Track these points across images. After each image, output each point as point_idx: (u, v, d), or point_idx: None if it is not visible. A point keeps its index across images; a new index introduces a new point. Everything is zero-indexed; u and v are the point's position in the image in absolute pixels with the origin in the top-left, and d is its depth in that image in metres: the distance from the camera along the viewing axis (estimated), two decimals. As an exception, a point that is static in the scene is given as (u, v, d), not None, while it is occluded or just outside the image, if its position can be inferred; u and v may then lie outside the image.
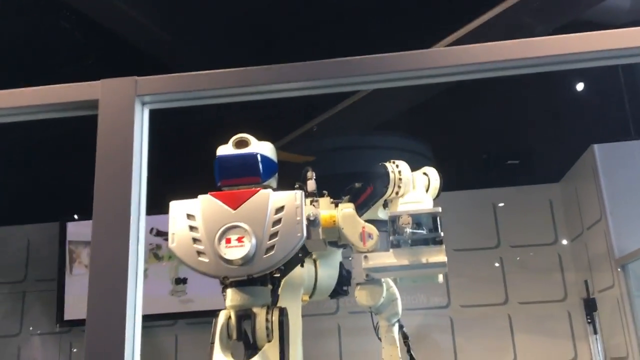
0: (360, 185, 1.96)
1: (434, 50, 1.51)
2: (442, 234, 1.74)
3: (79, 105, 1.30)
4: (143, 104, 1.29)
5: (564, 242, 4.90)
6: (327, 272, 2.08)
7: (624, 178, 4.22)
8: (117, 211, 1.17)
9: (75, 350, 5.05)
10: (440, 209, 1.77)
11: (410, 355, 2.14)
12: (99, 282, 1.12)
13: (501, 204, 5.02)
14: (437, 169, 2.11)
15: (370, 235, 1.79)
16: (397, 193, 1.86)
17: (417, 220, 1.75)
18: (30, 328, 5.15)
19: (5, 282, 5.26)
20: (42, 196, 4.96)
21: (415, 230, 1.73)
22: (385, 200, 1.90)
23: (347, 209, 1.86)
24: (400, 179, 1.86)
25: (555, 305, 4.73)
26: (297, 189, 1.62)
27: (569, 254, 4.85)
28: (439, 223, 1.75)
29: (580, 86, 4.38)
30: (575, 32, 1.32)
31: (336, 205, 1.89)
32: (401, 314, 2.19)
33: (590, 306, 4.01)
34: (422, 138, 4.73)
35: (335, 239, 1.87)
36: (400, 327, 2.14)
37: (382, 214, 1.97)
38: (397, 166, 1.88)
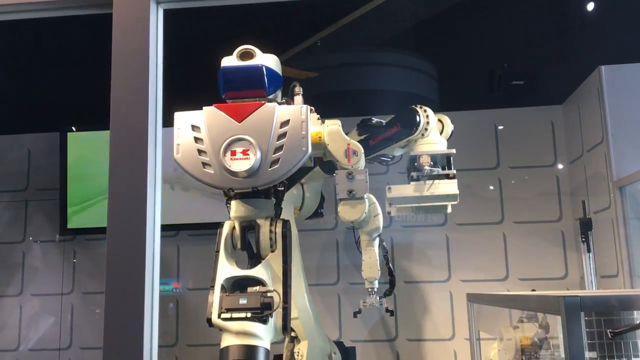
0: (389, 121, 2.25)
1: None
2: (454, 171, 2.11)
3: (93, 2, 1.26)
4: (158, 2, 1.26)
5: (563, 164, 4.92)
6: (312, 195, 2.34)
7: (629, 101, 4.18)
8: (135, 110, 1.16)
9: (75, 261, 5.17)
10: (454, 151, 2.15)
11: (389, 268, 2.36)
12: (119, 184, 1.13)
13: (501, 127, 5.01)
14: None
15: (355, 153, 1.87)
16: (422, 135, 2.19)
17: (433, 159, 2.12)
18: (30, 238, 5.24)
19: (7, 190, 5.32)
20: (42, 105, 4.91)
21: (433, 168, 2.09)
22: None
23: (332, 125, 1.93)
24: (427, 123, 2.21)
25: (549, 226, 4.81)
26: (282, 104, 1.61)
27: (567, 176, 4.89)
28: (452, 162, 2.13)
29: (591, 5, 4.26)
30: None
31: (322, 122, 1.94)
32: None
33: (586, 225, 4.08)
34: (426, 56, 4.64)
35: (321, 154, 1.94)
36: (381, 241, 2.30)
37: (397, 152, 2.30)
38: (424, 111, 2.19)
